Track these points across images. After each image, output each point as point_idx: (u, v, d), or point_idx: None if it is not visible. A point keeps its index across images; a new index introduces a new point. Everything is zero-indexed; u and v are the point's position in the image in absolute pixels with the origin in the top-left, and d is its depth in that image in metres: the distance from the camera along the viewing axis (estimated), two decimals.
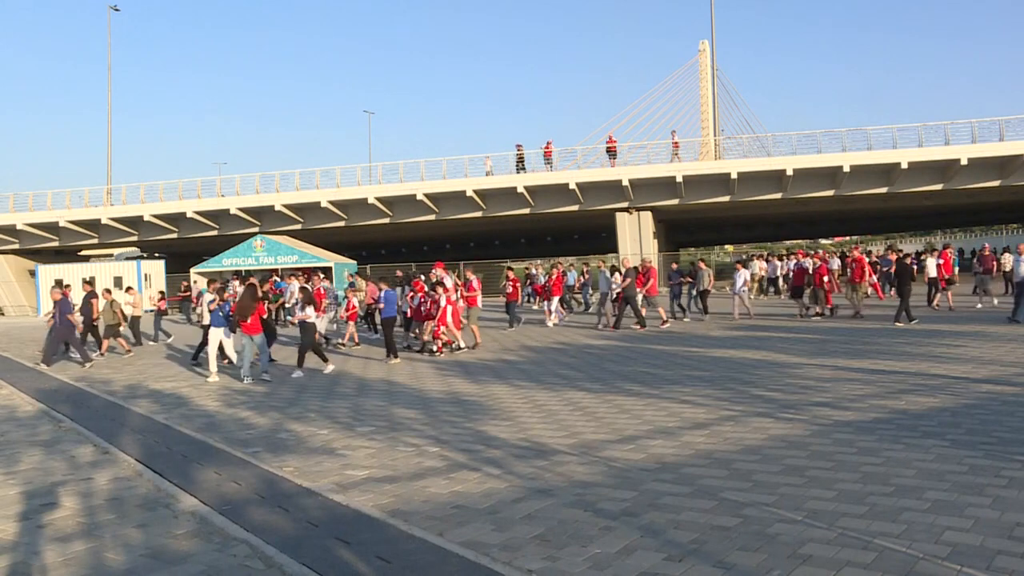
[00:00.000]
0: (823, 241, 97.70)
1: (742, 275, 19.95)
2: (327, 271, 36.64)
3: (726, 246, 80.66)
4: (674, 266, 21.81)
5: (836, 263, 28.06)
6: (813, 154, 35.39)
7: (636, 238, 37.81)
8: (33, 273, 38.49)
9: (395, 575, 4.33)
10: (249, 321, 12.23)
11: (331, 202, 39.46)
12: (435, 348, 14.94)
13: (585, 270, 27.01)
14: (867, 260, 20.21)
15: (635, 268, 18.75)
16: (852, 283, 18.96)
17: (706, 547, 4.47)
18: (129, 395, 11.39)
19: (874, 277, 19.78)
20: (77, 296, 17.45)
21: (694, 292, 20.73)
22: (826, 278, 19.19)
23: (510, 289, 19.95)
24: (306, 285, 15.06)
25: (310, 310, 13.22)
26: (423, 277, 17.35)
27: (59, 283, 22.99)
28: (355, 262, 37.70)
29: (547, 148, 38.78)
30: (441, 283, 15.21)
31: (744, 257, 33.92)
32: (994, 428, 6.97)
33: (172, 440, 8.18)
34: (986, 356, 11.52)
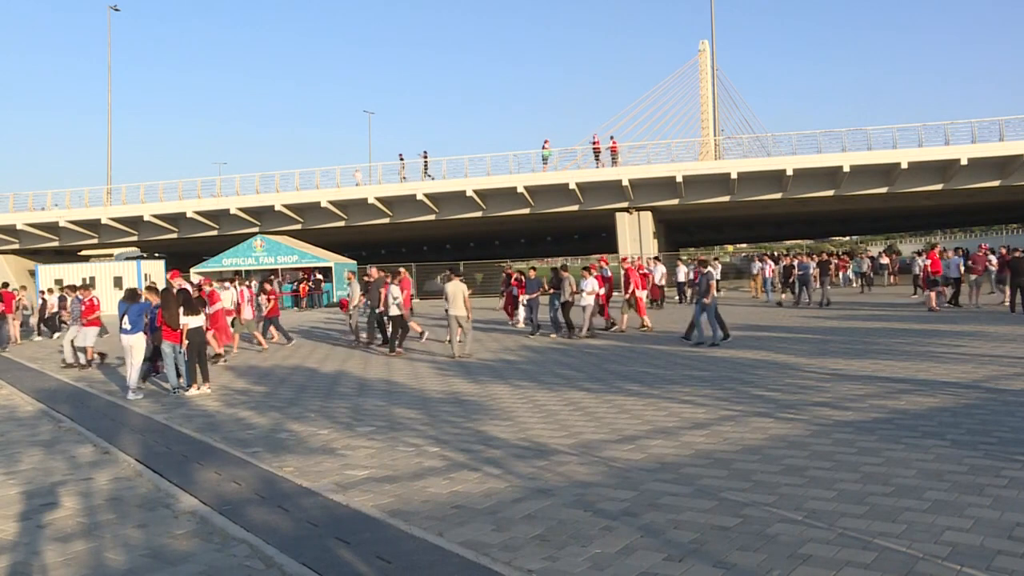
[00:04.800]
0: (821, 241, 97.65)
1: (590, 283, 17.15)
2: (327, 271, 36.84)
3: (726, 246, 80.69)
4: (532, 274, 18.76)
5: (660, 271, 26.54)
6: (813, 154, 35.38)
7: (636, 238, 37.81)
8: (33, 273, 38.46)
9: (395, 575, 4.33)
10: (176, 330, 11.51)
11: (331, 202, 39.44)
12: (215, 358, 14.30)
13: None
14: (637, 272, 18.90)
15: (381, 279, 16.70)
16: (626, 296, 17.93)
17: (706, 547, 4.48)
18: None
19: (643, 292, 18.19)
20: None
21: (557, 303, 17.73)
22: (602, 291, 17.61)
23: (270, 304, 18.12)
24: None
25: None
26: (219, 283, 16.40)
27: None
28: (355, 262, 37.74)
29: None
30: (209, 293, 14.44)
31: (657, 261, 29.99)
32: (994, 428, 6.97)
33: (172, 440, 8.18)
34: (986, 356, 11.52)
